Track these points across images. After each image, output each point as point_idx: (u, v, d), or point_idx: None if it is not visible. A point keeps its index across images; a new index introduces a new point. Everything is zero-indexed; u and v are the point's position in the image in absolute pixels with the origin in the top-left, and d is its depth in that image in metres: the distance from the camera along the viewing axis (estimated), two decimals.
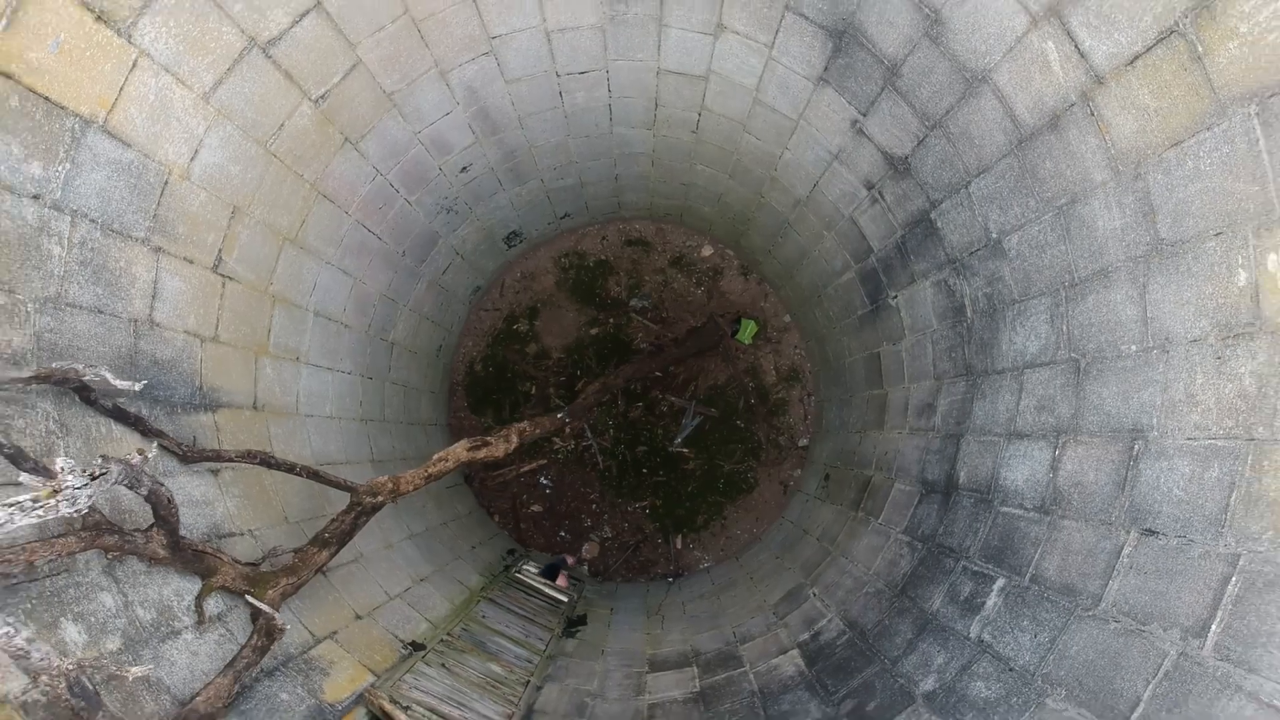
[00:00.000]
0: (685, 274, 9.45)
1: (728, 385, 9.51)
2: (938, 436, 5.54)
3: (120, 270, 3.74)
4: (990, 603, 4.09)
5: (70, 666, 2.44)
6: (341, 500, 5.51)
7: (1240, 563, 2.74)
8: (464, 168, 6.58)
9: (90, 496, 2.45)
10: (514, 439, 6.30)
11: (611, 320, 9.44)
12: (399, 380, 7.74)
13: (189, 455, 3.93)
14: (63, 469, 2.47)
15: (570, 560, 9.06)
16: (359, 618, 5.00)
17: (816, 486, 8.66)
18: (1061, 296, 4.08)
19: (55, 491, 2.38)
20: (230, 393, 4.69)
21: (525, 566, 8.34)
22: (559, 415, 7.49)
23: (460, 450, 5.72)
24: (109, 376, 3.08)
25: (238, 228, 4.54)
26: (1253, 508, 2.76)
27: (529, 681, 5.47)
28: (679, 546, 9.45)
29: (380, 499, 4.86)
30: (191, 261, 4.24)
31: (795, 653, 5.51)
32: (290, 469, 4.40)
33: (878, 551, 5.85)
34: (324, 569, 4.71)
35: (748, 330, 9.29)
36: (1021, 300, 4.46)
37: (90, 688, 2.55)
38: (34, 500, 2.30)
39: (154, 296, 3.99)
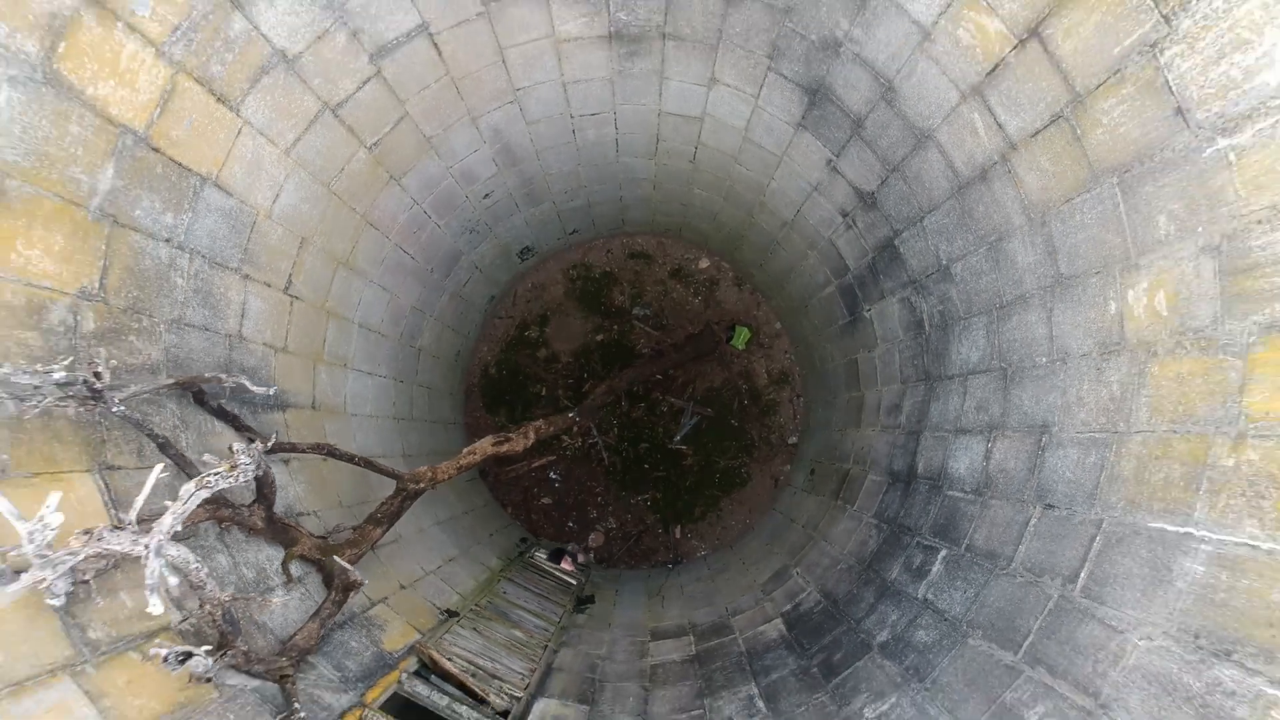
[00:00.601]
0: (684, 284, 10.34)
1: (723, 387, 10.40)
2: (902, 433, 6.43)
3: (220, 295, 4.63)
4: (935, 569, 4.99)
5: (226, 598, 3.32)
6: (382, 487, 6.39)
7: (1103, 525, 3.64)
8: (486, 194, 7.47)
9: (249, 472, 3.34)
10: (531, 435, 7.19)
11: (616, 327, 10.33)
12: (424, 383, 8.63)
13: (273, 447, 4.81)
14: (238, 450, 3.35)
15: (575, 549, 9.95)
16: (403, 588, 5.89)
17: (803, 480, 9.55)
18: (994, 315, 4.97)
19: (234, 466, 3.26)
20: (295, 395, 5.57)
21: (536, 553, 9.24)
22: (570, 414, 8.38)
23: (486, 444, 6.61)
24: (247, 382, 3.97)
25: (304, 255, 5.43)
26: (1113, 484, 3.65)
27: (547, 645, 6.36)
28: (678, 536, 10.34)
29: (421, 485, 5.75)
30: (269, 285, 5.13)
31: (778, 621, 6.41)
32: (350, 459, 5.28)
33: (851, 534, 6.75)
34: (375, 545, 5.60)
35: (741, 337, 10.18)
36: (966, 317, 5.36)
37: (235, 616, 3.44)
38: (222, 473, 3.18)
39: (243, 316, 4.88)
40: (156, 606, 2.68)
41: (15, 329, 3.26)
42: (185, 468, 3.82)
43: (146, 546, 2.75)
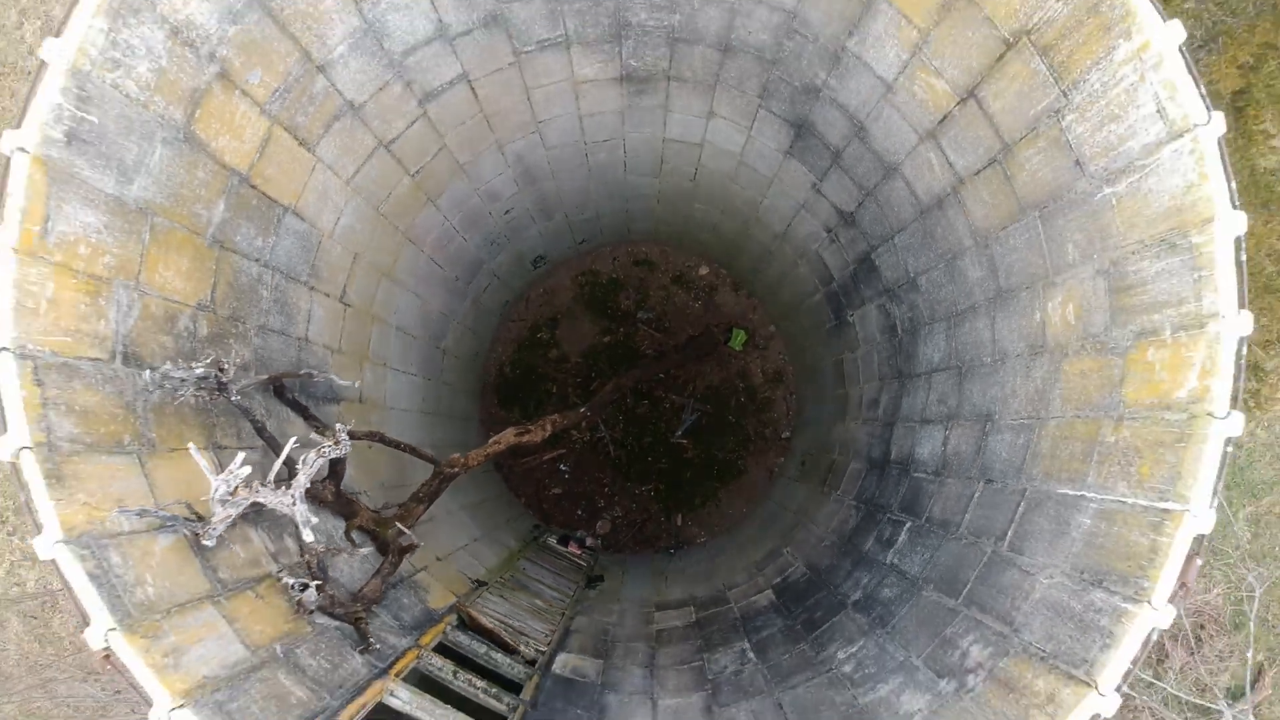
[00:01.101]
0: (685, 290, 11.24)
1: (721, 386, 11.30)
2: (879, 425, 7.33)
3: (293, 305, 5.53)
4: (901, 539, 5.88)
5: (321, 549, 4.22)
6: (415, 471, 7.27)
7: (1026, 493, 4.54)
8: (507, 210, 8.37)
9: (346, 448, 4.23)
10: (548, 427, 8.09)
11: (621, 329, 11.23)
12: (448, 381, 9.52)
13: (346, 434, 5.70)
14: (340, 429, 4.25)
15: (584, 535, 10.84)
16: (439, 559, 6.78)
17: (795, 471, 10.44)
18: (952, 322, 5.87)
19: (338, 442, 4.15)
20: (346, 390, 6.46)
21: (548, 538, 10.14)
22: (582, 409, 9.28)
23: (509, 435, 7.51)
24: (334, 378, 4.86)
25: (356, 269, 6.33)
26: (1035, 460, 4.55)
27: (564, 613, 7.26)
28: (679, 524, 11.24)
29: (455, 470, 6.64)
30: (328, 295, 6.03)
31: (769, 591, 7.30)
32: (398, 446, 6.17)
33: (834, 515, 7.65)
34: (417, 520, 6.49)
35: (738, 339, 11.08)
36: (930, 323, 6.26)
37: (325, 566, 4.33)
38: (332, 447, 4.08)
39: (309, 321, 5.77)
40: (309, 535, 3.59)
41: (157, 334, 4.15)
42: (274, 448, 4.71)
43: (293, 496, 3.65)
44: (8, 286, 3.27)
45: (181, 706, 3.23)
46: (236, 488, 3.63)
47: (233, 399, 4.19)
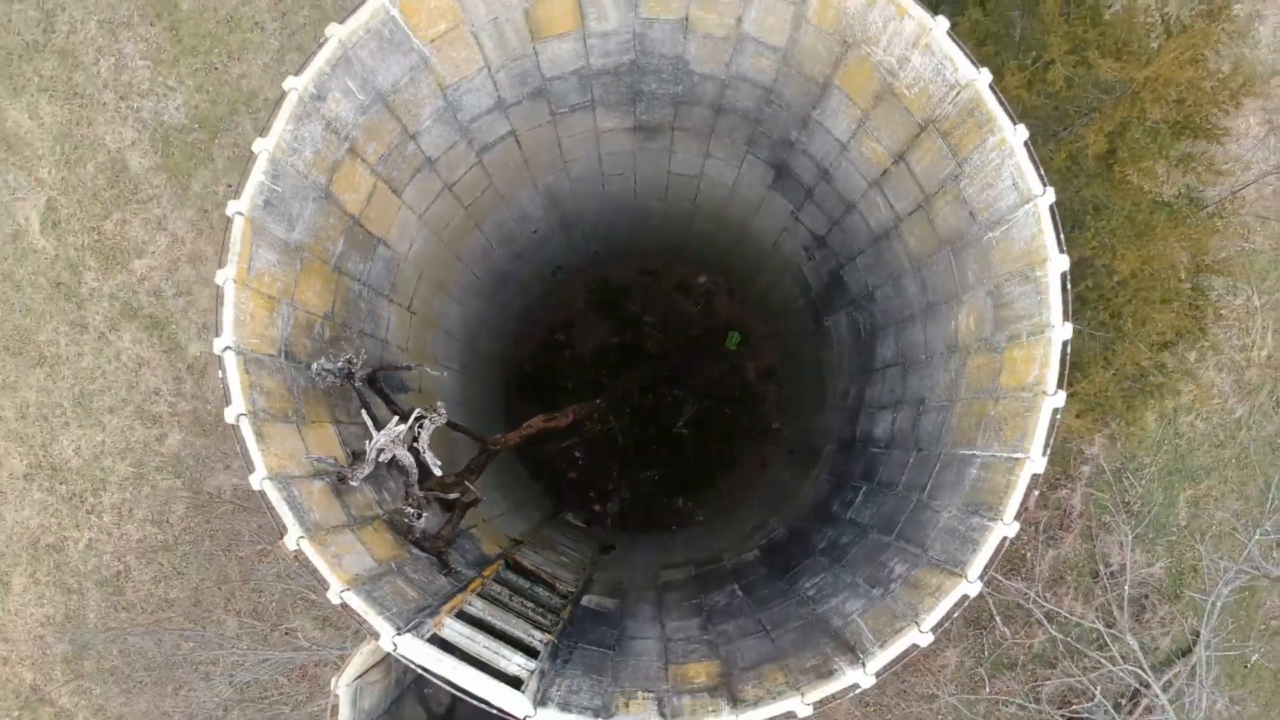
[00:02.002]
0: (686, 296, 12.94)
1: (718, 382, 13.00)
2: (849, 412, 9.02)
3: (379, 314, 7.22)
4: (858, 500, 7.58)
5: (421, 493, 5.90)
6: (459, 449, 8.94)
7: (941, 457, 6.23)
8: (535, 230, 10.06)
9: (443, 420, 5.92)
10: (570, 415, 9.78)
11: (629, 332, 12.92)
12: (479, 377, 11.21)
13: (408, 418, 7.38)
14: (440, 407, 5.92)
15: (599, 515, 12.53)
16: (484, 520, 8.47)
17: (784, 456, 12.15)
18: (898, 327, 7.57)
19: (439, 414, 5.83)
20: (411, 381, 8.15)
21: (565, 516, 11.83)
22: (597, 401, 10.98)
23: (539, 420, 9.20)
24: (427, 368, 6.55)
25: (420, 284, 8.02)
26: (948, 432, 6.25)
27: (585, 569, 8.95)
28: (680, 505, 12.94)
29: (498, 448, 8.33)
30: (401, 305, 7.72)
31: (755, 550, 9.00)
32: (455, 428, 7.85)
33: (813, 489, 9.35)
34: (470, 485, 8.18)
35: (733, 340, 12.78)
36: (883, 328, 7.95)
37: (423, 505, 6.02)
38: (436, 418, 5.76)
39: (388, 327, 7.47)
40: (438, 469, 5.30)
41: (302, 338, 5.84)
42: (377, 424, 6.40)
43: (419, 447, 5.37)
44: (230, 306, 4.96)
45: (347, 589, 4.92)
46: (390, 441, 5.33)
47: (355, 385, 5.89)
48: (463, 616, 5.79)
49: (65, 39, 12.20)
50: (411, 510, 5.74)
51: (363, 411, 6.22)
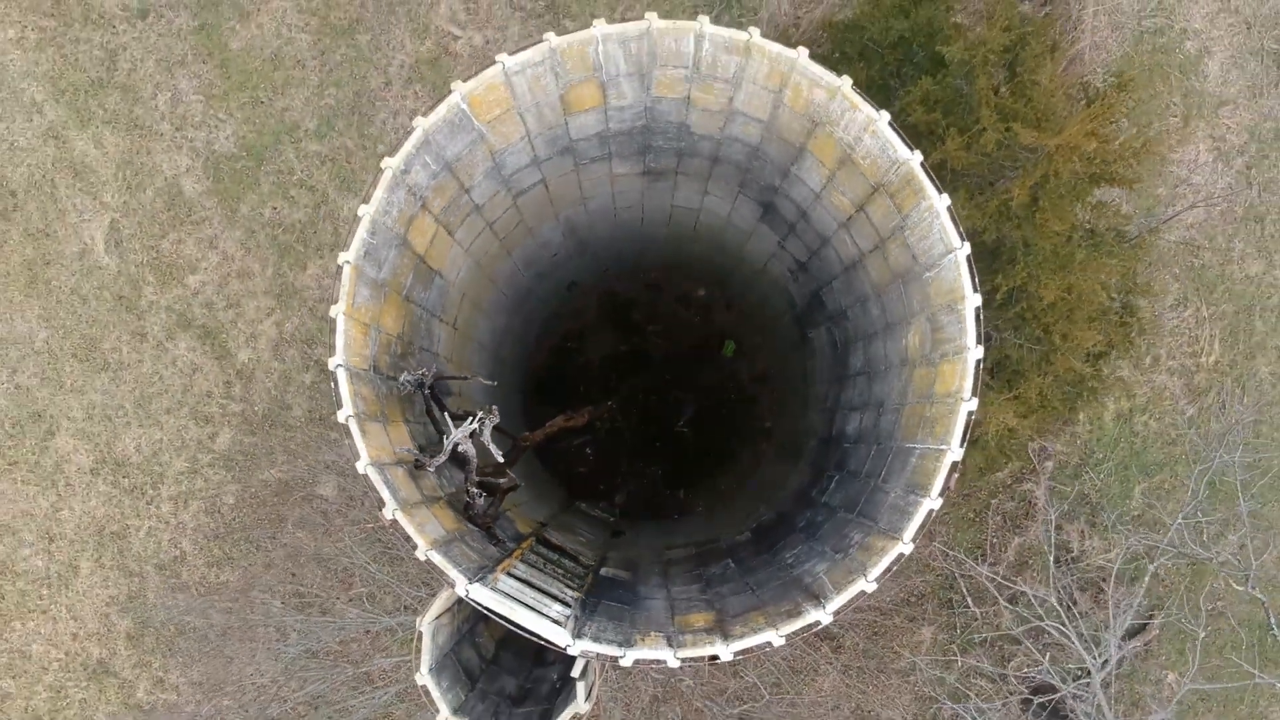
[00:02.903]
0: (686, 308, 14.68)
1: (716, 385, 14.74)
2: (827, 412, 10.76)
3: (433, 331, 8.94)
4: (831, 487, 9.32)
5: (477, 478, 7.61)
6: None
7: (894, 449, 7.96)
8: (554, 253, 11.79)
9: (497, 419, 7.63)
10: (586, 415, 11.52)
11: (635, 340, 14.66)
12: (503, 381, 12.90)
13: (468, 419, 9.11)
14: (494, 408, 7.64)
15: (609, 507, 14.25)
16: (515, 505, 10.20)
17: (774, 452, 13.89)
18: (866, 341, 9.30)
19: (494, 415, 7.55)
20: (453, 387, 9.86)
21: (579, 505, 13.55)
22: (609, 403, 12.71)
23: (560, 420, 10.94)
24: (481, 378, 8.27)
25: (463, 304, 9.75)
26: (899, 430, 7.97)
27: (600, 548, 10.68)
28: (683, 496, 14.67)
29: (528, 443, 10.07)
30: (448, 323, 9.44)
31: (747, 532, 10.74)
32: (498, 427, 9.57)
33: (796, 479, 11.09)
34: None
35: (729, 348, 14.52)
36: (854, 341, 9.69)
37: (480, 492, 7.74)
38: (484, 420, 7.48)
39: (438, 342, 9.19)
40: (499, 456, 7.02)
41: (382, 355, 7.56)
42: (438, 425, 8.12)
43: (481, 435, 7.08)
44: (341, 333, 6.68)
45: (431, 549, 6.64)
46: (465, 436, 7.06)
47: (424, 392, 7.62)
48: (512, 575, 7.52)
49: (127, 76, 13.90)
50: (475, 491, 7.47)
51: (430, 412, 7.95)
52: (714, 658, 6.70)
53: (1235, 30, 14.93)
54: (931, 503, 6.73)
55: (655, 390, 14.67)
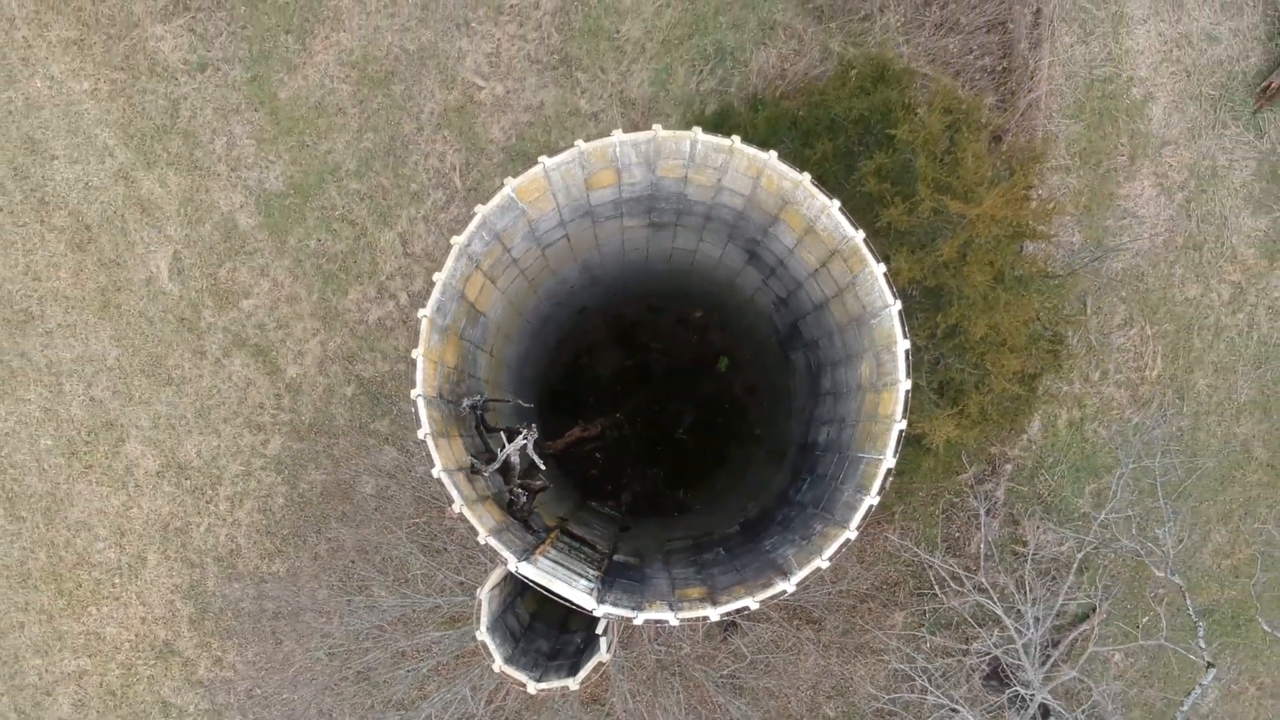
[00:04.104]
0: (685, 329, 17.10)
1: (711, 397, 17.15)
2: (804, 423, 13.18)
3: (477, 360, 11.35)
4: (805, 487, 11.74)
5: (518, 482, 10.02)
6: None
7: (849, 457, 10.38)
8: (571, 287, 14.21)
9: (536, 434, 10.03)
10: (598, 426, 13.94)
11: (640, 357, 17.08)
12: (524, 397, 15.32)
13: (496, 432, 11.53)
14: (533, 425, 10.03)
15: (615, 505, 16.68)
16: (541, 504, 12.60)
17: (763, 457, 16.31)
18: (833, 368, 11.71)
19: (534, 431, 9.94)
20: (526, 408, 12.27)
21: (591, 504, 15.98)
22: (617, 415, 15.12)
23: (577, 431, 13.37)
24: (520, 401, 10.67)
25: (498, 335, 12.16)
26: (854, 442, 10.39)
27: (612, 540, 13.10)
28: (682, 496, 17.11)
29: (551, 451, 12.48)
30: (487, 352, 11.85)
31: (736, 526, 13.17)
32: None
33: (778, 481, 13.51)
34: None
35: (723, 363, 16.94)
36: (825, 365, 12.10)
37: (524, 493, 10.16)
38: (527, 436, 9.87)
39: (480, 368, 11.60)
40: (540, 464, 9.43)
41: (443, 384, 9.98)
42: (485, 440, 10.54)
43: (527, 448, 9.49)
44: (420, 370, 9.08)
45: (489, 536, 9.05)
46: (518, 450, 9.47)
47: (477, 414, 10.03)
48: (546, 558, 9.94)
49: (187, 123, 16.28)
50: (519, 490, 9.88)
51: (478, 429, 10.37)
52: (705, 619, 9.13)
53: (1176, 78, 17.32)
54: (871, 499, 9.16)
55: (657, 401, 17.09)
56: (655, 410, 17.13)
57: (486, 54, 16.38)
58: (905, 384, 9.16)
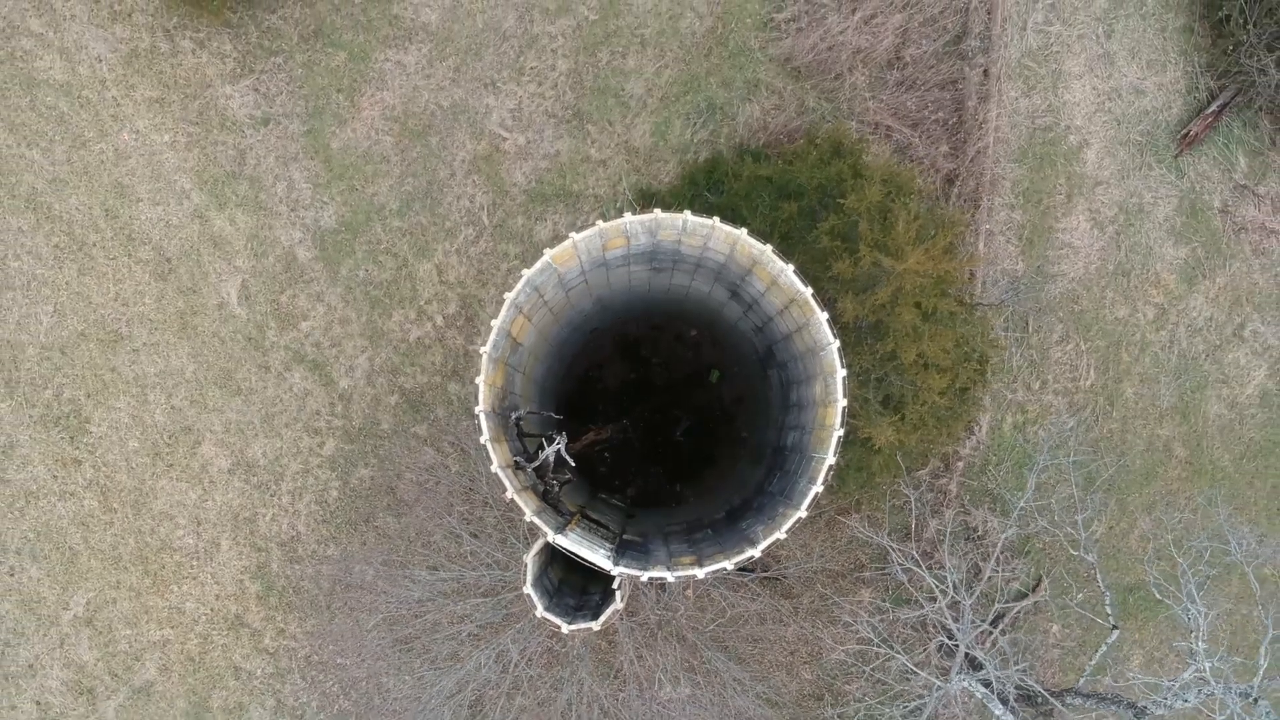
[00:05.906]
0: (681, 345, 20.98)
1: (704, 405, 21.03)
2: (778, 428, 17.08)
3: (514, 380, 15.23)
4: (775, 480, 15.64)
5: (551, 476, 13.89)
6: None
7: (805, 455, 14.29)
8: (585, 314, 18.10)
9: (564, 442, 13.88)
10: (608, 431, 17.84)
11: (642, 370, 20.96)
12: (543, 405, 19.21)
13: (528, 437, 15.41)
14: (564, 434, 13.88)
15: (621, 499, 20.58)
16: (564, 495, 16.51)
17: (749, 457, 20.22)
18: (798, 384, 15.59)
19: (564, 437, 13.79)
20: (554, 419, 16.15)
21: (601, 496, 19.88)
22: (624, 421, 19.00)
23: (590, 435, 17.27)
24: (550, 414, 14.55)
25: (530, 357, 16.04)
26: (811, 444, 14.28)
27: (620, 525, 17.00)
28: (678, 490, 21.02)
29: (573, 451, 16.37)
30: (521, 373, 15.73)
31: (723, 513, 17.08)
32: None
33: (757, 476, 17.43)
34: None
35: (714, 375, 20.83)
36: (793, 382, 15.99)
37: (558, 484, 14.03)
38: (559, 440, 13.72)
39: (517, 385, 15.48)
40: (571, 461, 13.31)
41: (494, 400, 13.87)
42: (523, 444, 14.42)
43: (560, 450, 13.36)
44: (481, 392, 12.96)
45: (533, 515, 12.93)
46: (556, 450, 13.35)
47: (519, 424, 13.92)
48: (573, 534, 13.83)
49: (253, 169, 20.11)
50: (554, 482, 13.76)
51: (519, 436, 14.27)
52: (693, 576, 13.03)
53: (1108, 126, 21.20)
54: (817, 488, 13.04)
55: (657, 408, 20.99)
56: (656, 416, 21.02)
57: (510, 110, 20.21)
58: (843, 402, 13.05)
